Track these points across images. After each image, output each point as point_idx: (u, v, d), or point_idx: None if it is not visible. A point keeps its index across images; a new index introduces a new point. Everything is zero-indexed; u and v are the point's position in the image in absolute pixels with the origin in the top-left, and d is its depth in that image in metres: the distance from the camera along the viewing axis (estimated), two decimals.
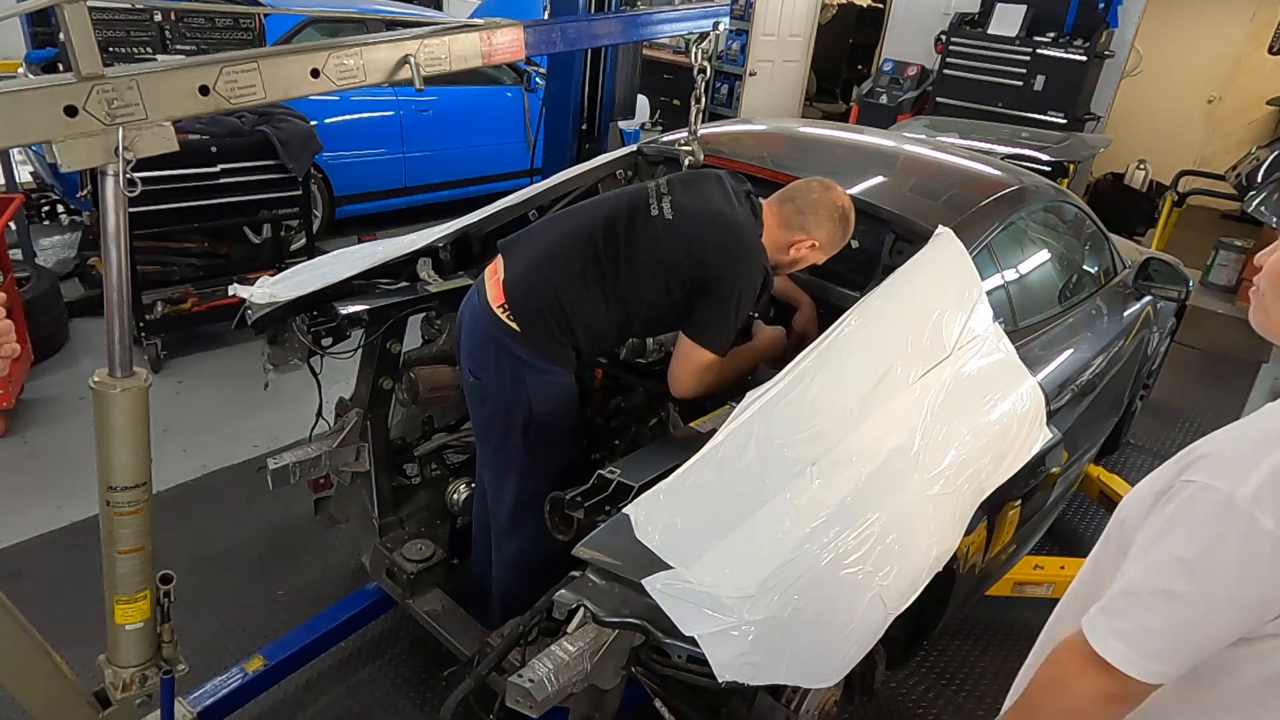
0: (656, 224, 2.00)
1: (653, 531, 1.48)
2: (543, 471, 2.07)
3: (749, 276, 1.95)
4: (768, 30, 9.54)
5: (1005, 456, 2.00)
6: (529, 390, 1.99)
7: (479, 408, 2.13)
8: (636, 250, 1.99)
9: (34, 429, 3.49)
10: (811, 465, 1.63)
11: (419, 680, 2.48)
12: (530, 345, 1.96)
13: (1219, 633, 0.98)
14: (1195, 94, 8.47)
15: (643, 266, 1.98)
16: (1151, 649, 0.98)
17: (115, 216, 1.25)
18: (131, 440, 1.38)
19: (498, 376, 2.02)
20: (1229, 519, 0.92)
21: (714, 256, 1.95)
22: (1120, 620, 1.00)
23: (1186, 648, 0.98)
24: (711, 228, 1.99)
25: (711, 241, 1.97)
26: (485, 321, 2.02)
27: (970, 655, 2.75)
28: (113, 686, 1.57)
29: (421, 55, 1.52)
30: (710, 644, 1.34)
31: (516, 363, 1.98)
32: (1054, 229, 2.86)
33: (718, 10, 2.29)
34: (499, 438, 2.09)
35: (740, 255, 1.96)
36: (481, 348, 2.04)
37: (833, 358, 1.81)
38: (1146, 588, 0.99)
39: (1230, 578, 0.94)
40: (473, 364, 2.08)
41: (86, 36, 1.15)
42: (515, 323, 1.97)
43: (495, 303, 2.00)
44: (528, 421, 2.01)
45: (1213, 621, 0.97)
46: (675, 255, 1.97)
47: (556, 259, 2.00)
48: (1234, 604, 0.95)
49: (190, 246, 4.60)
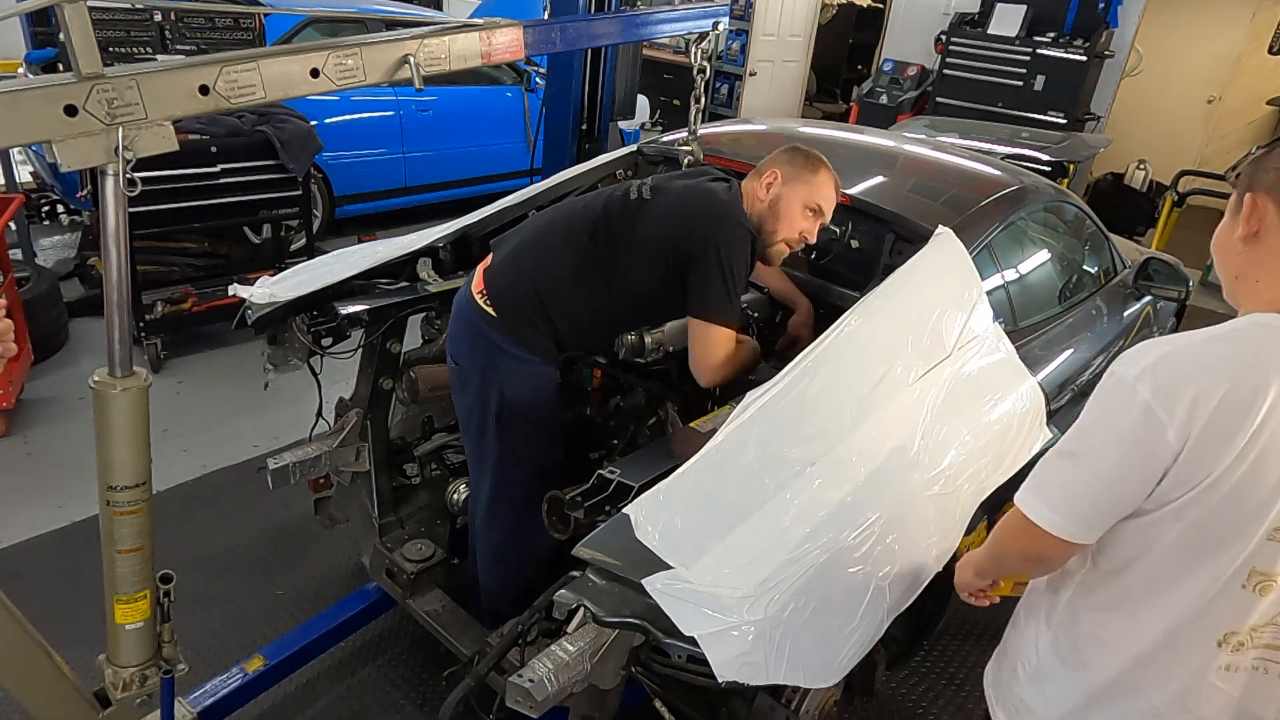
0: (634, 206, 2.03)
1: (653, 531, 1.48)
2: (516, 464, 2.08)
3: (731, 235, 1.95)
4: (768, 30, 9.55)
5: (1005, 456, 2.00)
6: (502, 376, 2.01)
7: (460, 395, 2.15)
8: (617, 236, 2.01)
9: (34, 429, 3.49)
10: (811, 465, 1.63)
11: (419, 680, 2.48)
12: (507, 332, 1.98)
13: (1114, 493, 1.15)
14: (1195, 94, 8.47)
15: (624, 250, 2.00)
16: (1057, 502, 1.18)
17: (115, 216, 1.25)
18: (131, 440, 1.38)
19: (474, 362, 2.04)
20: (1118, 392, 1.13)
21: (691, 223, 1.97)
22: (1036, 480, 1.22)
23: (1087, 505, 1.17)
24: (684, 197, 2.03)
25: (685, 208, 2.00)
26: (467, 308, 2.06)
27: (970, 655, 2.75)
28: (113, 686, 1.57)
29: (421, 55, 1.52)
30: (710, 644, 1.34)
31: (492, 349, 2.00)
32: (1054, 229, 2.86)
33: (717, 10, 2.29)
34: (477, 426, 2.10)
35: (716, 215, 1.97)
36: (462, 334, 2.08)
37: (833, 358, 1.81)
38: (1055, 452, 1.21)
39: (1114, 438, 1.13)
40: (454, 348, 2.12)
41: (86, 36, 1.15)
42: (492, 308, 1.99)
43: (476, 289, 2.04)
44: (500, 408, 2.02)
45: (1104, 477, 1.15)
46: (655, 231, 1.99)
47: (536, 249, 2.05)
48: (1121, 463, 1.13)
49: (190, 246, 4.61)
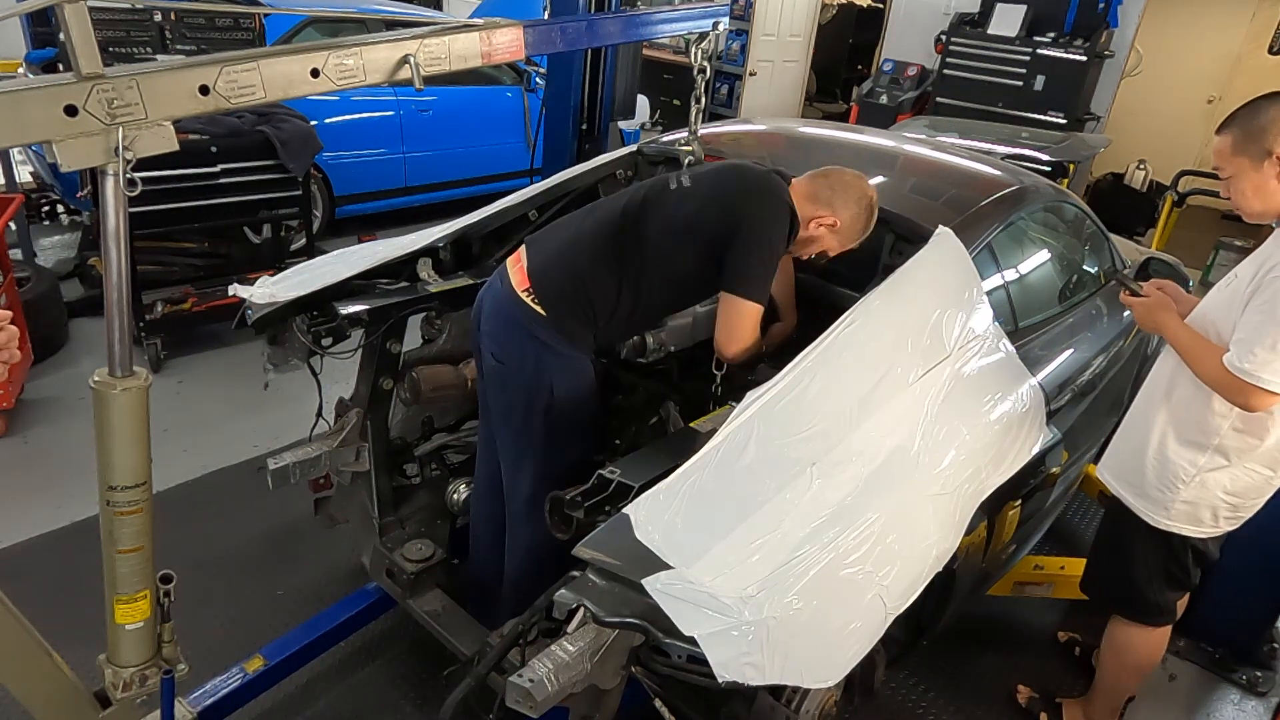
0: (675, 194, 2.04)
1: (653, 531, 1.48)
2: (560, 460, 2.08)
3: (774, 213, 1.95)
4: (768, 30, 9.55)
5: (1005, 456, 2.00)
6: (551, 375, 2.00)
7: (499, 393, 2.13)
8: (660, 222, 2.01)
9: (34, 429, 3.49)
10: (811, 465, 1.63)
11: (419, 680, 2.48)
12: (554, 329, 1.98)
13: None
14: (1195, 94, 8.46)
15: (666, 235, 2.00)
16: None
17: (115, 216, 1.25)
18: (131, 440, 1.37)
19: (520, 360, 2.03)
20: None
21: (739, 198, 1.96)
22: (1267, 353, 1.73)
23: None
24: (729, 175, 2.04)
25: (734, 184, 2.00)
26: (510, 306, 2.03)
27: (970, 655, 2.75)
28: (113, 686, 1.57)
29: (421, 55, 1.52)
30: (710, 644, 1.34)
31: (540, 347, 2.00)
32: (1054, 229, 2.86)
33: (718, 10, 2.28)
34: (519, 423, 2.09)
35: (762, 192, 1.97)
36: (506, 332, 2.06)
37: (833, 357, 1.81)
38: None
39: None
40: (496, 347, 2.08)
41: (86, 36, 1.15)
42: (540, 307, 1.98)
43: (520, 287, 2.02)
44: (549, 406, 2.02)
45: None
46: (703, 211, 1.99)
47: (580, 246, 2.04)
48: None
49: (190, 246, 4.61)
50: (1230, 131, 1.85)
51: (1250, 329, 1.76)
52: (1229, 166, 1.85)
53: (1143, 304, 2.03)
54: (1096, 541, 2.38)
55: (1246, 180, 1.83)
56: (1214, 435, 1.94)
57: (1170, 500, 2.01)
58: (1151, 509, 2.05)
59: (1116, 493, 2.14)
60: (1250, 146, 1.80)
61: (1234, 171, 1.85)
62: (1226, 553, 2.23)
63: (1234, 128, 1.84)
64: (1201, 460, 1.96)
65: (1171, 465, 2.00)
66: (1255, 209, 1.85)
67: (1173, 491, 2.00)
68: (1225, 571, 2.49)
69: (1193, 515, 2.02)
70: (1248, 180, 1.82)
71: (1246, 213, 1.87)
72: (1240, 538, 2.14)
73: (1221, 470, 1.96)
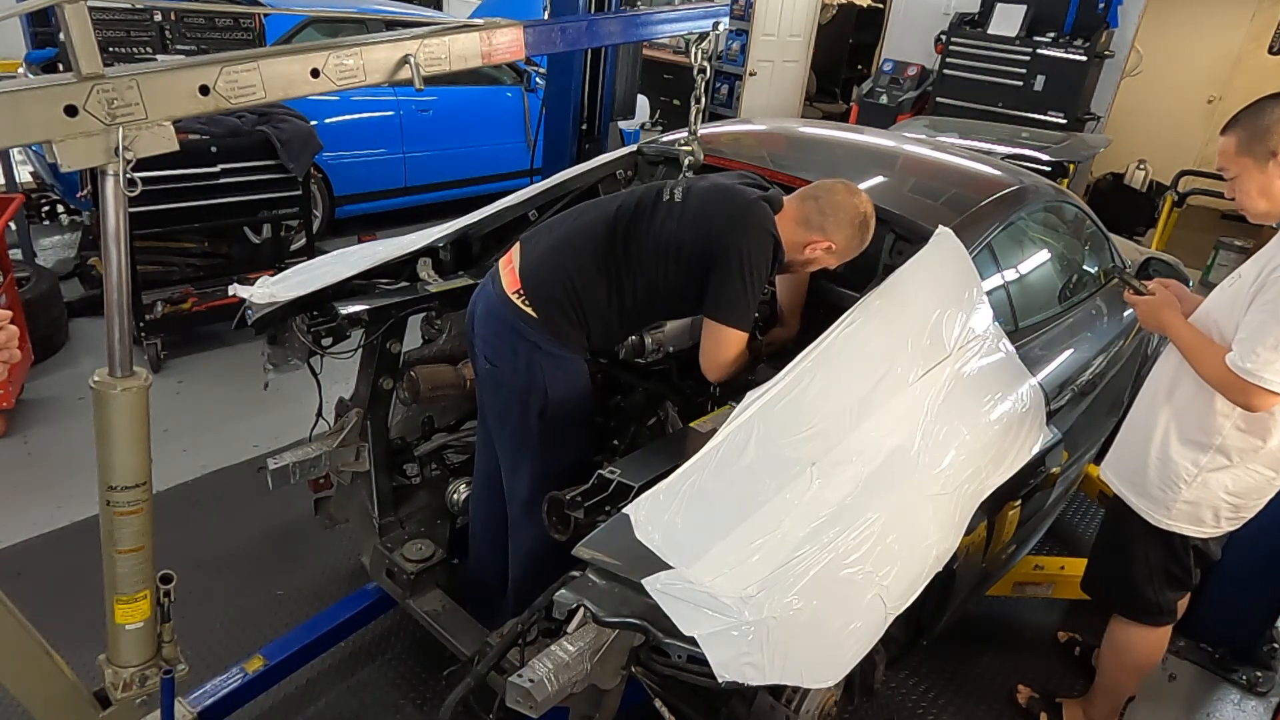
0: (665, 208, 2.03)
1: (653, 531, 1.48)
2: (558, 461, 2.08)
3: (758, 243, 1.94)
4: (768, 30, 9.54)
5: (1005, 456, 2.00)
6: (545, 376, 2.00)
7: (494, 395, 2.13)
8: (646, 234, 2.01)
9: (34, 429, 3.49)
10: (811, 465, 1.63)
11: (419, 680, 2.48)
12: (546, 330, 1.98)
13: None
14: (1195, 94, 8.46)
15: (651, 248, 2.00)
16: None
17: (115, 216, 1.25)
18: (131, 440, 1.37)
19: (513, 363, 2.03)
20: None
21: (721, 224, 1.96)
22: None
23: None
24: (717, 198, 2.02)
25: (717, 209, 1.99)
26: (501, 308, 2.03)
27: (970, 655, 2.75)
28: (113, 686, 1.57)
29: (421, 55, 1.51)
30: (710, 644, 1.34)
31: (532, 349, 2.00)
32: (1054, 229, 2.86)
33: (718, 10, 2.28)
34: (515, 425, 2.09)
35: (748, 222, 1.96)
36: (498, 334, 2.06)
37: (833, 357, 1.81)
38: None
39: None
40: (489, 350, 2.08)
41: (86, 36, 1.15)
42: (531, 308, 1.98)
43: (511, 289, 2.02)
44: (544, 408, 2.02)
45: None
46: (683, 232, 1.98)
47: (570, 247, 2.03)
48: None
49: (190, 246, 4.61)
50: (1235, 132, 1.85)
51: (1253, 328, 1.76)
52: (1233, 167, 1.86)
53: (1146, 302, 2.03)
54: (1097, 541, 2.38)
55: (1251, 180, 1.83)
56: (1216, 435, 1.94)
57: (1172, 500, 2.02)
58: (1153, 508, 2.05)
59: (1118, 492, 2.15)
60: (1255, 147, 1.81)
61: (1238, 172, 1.85)
62: (1227, 553, 2.23)
63: (1238, 128, 1.85)
64: (1203, 460, 1.97)
65: (1173, 465, 2.00)
66: (1260, 209, 1.85)
67: (1174, 491, 2.00)
68: (1226, 572, 2.50)
69: (1194, 515, 2.02)
70: (1252, 180, 1.83)
71: (1251, 213, 1.87)
72: (1241, 538, 2.14)
73: (1223, 470, 1.96)
